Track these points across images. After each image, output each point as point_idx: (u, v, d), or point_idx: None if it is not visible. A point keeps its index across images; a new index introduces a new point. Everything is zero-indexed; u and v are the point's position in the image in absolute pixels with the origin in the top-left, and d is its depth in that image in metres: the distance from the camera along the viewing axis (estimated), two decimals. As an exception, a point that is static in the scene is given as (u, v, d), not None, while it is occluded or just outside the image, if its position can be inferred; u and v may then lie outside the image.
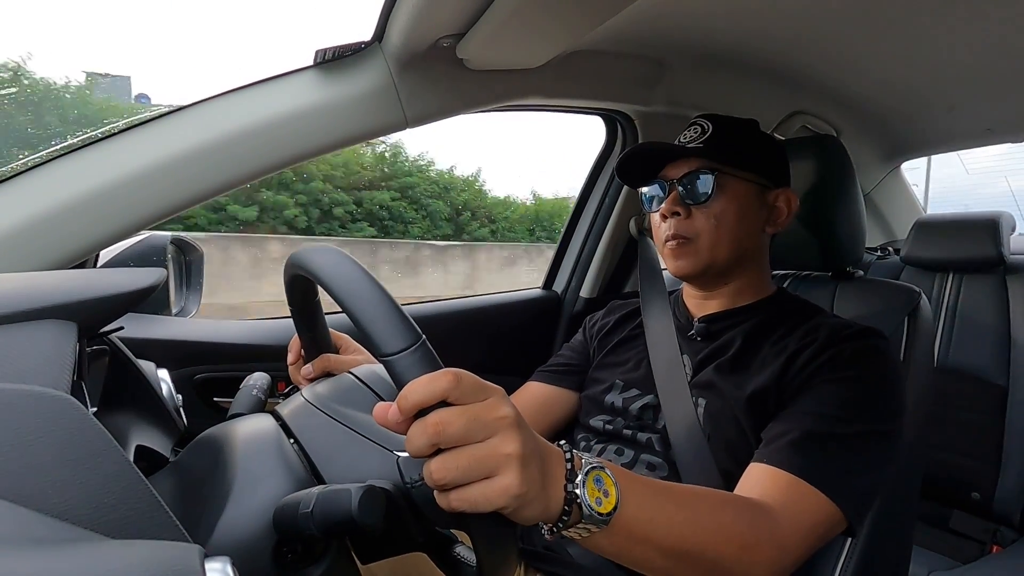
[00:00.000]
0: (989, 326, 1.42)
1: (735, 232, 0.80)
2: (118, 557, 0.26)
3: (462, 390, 0.39)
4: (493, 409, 0.40)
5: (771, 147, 0.86)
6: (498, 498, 0.39)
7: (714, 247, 0.80)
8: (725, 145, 0.80)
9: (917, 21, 1.03)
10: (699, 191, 0.80)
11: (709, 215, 0.80)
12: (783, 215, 0.84)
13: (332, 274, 0.44)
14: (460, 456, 0.38)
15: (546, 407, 0.94)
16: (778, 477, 0.63)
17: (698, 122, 0.84)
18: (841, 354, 0.71)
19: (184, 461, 0.55)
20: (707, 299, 0.87)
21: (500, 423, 0.40)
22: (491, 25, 0.82)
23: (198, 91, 3.82)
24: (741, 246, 0.81)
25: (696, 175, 0.80)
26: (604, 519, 0.45)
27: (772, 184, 0.84)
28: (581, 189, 1.50)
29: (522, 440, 0.40)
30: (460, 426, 0.38)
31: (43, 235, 0.73)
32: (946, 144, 1.74)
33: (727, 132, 0.82)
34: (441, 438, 0.38)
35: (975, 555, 1.35)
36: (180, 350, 0.99)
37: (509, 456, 0.39)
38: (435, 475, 0.38)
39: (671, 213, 0.81)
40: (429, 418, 0.38)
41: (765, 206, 0.83)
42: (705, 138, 0.81)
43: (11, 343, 0.38)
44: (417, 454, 0.39)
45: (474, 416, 0.39)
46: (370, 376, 0.57)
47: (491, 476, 0.39)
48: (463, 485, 0.39)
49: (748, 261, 0.84)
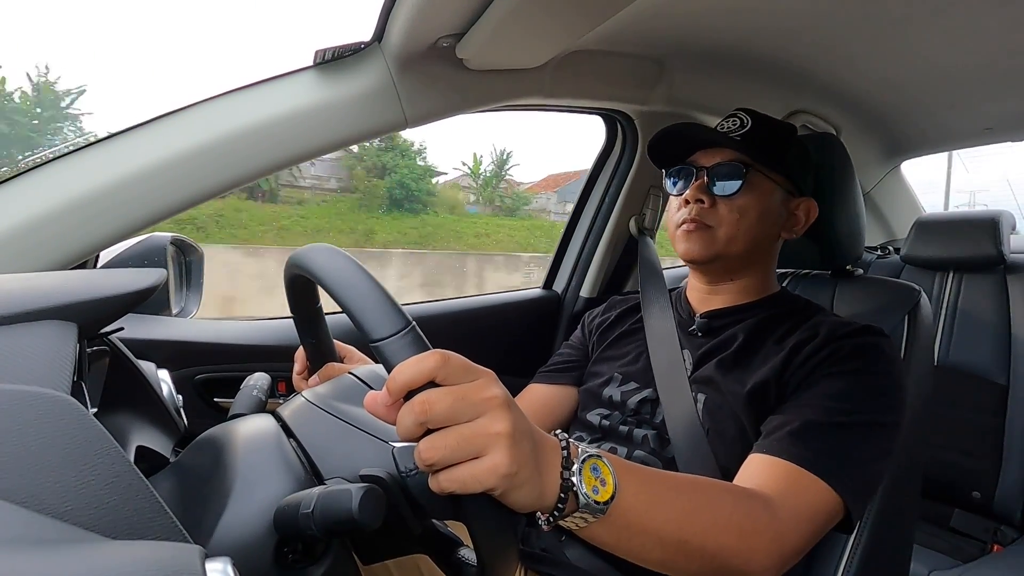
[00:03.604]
0: (989, 325, 1.42)
1: (753, 230, 0.80)
2: (118, 558, 0.26)
3: (449, 370, 0.39)
4: (482, 389, 0.40)
5: (804, 155, 0.87)
6: (487, 477, 0.39)
7: (730, 240, 0.80)
8: (761, 142, 0.80)
9: (917, 20, 1.03)
10: (728, 182, 0.79)
11: (732, 207, 0.79)
12: (800, 223, 0.85)
13: (324, 267, 0.45)
14: (448, 435, 0.38)
15: (548, 407, 0.94)
16: (777, 466, 0.63)
17: (737, 115, 0.83)
18: (841, 349, 0.71)
19: (184, 462, 0.55)
20: (711, 294, 0.86)
21: (489, 403, 0.39)
22: (491, 25, 0.82)
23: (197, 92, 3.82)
24: (756, 245, 0.81)
25: (728, 166, 0.79)
26: (601, 508, 0.45)
27: (797, 191, 0.84)
28: (582, 189, 1.50)
29: (512, 420, 0.40)
30: (447, 405, 0.38)
31: (43, 235, 0.73)
32: (946, 143, 1.74)
33: (765, 130, 0.82)
34: (428, 416, 0.38)
35: (976, 554, 1.35)
36: (180, 350, 0.99)
37: (498, 435, 0.39)
38: (424, 454, 0.38)
39: (695, 200, 0.80)
40: (417, 398, 0.38)
41: (786, 211, 0.83)
42: (744, 132, 0.81)
43: (11, 343, 0.38)
44: (406, 435, 0.39)
45: (462, 396, 0.39)
46: (370, 375, 0.57)
47: (480, 456, 0.39)
48: (452, 466, 0.39)
49: (758, 261, 0.84)
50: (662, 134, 0.83)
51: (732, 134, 0.81)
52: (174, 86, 24.31)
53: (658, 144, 0.84)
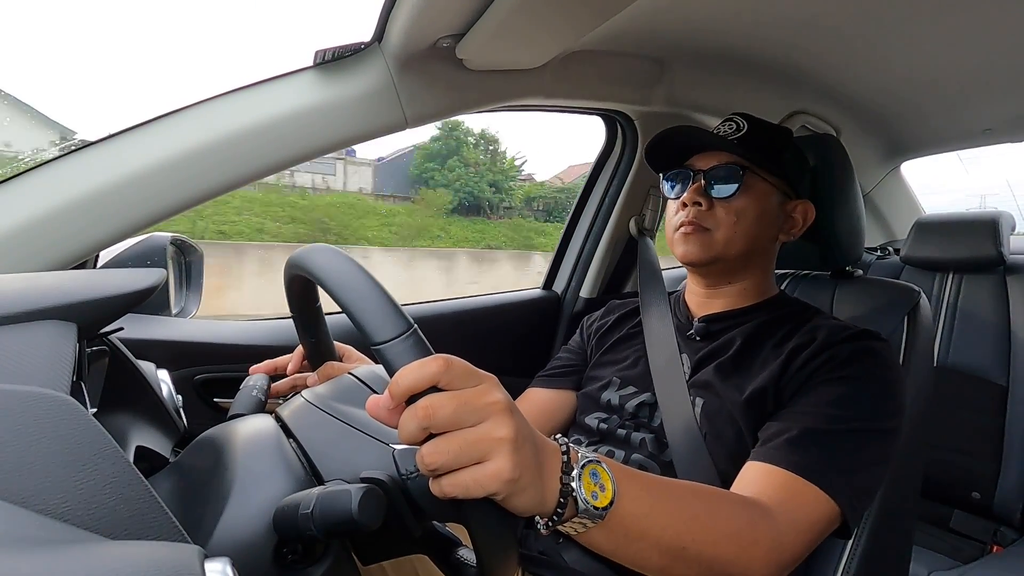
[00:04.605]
0: (989, 326, 1.42)
1: (751, 232, 0.80)
2: (118, 558, 0.26)
3: (452, 375, 0.39)
4: (484, 394, 0.40)
5: (800, 157, 0.87)
6: (490, 482, 0.39)
7: (728, 242, 0.80)
8: (758, 145, 0.80)
9: (917, 21, 1.03)
10: (725, 185, 0.80)
11: (730, 210, 0.79)
12: (797, 226, 0.85)
13: (325, 268, 0.45)
14: (451, 440, 0.38)
15: (548, 412, 0.94)
16: (775, 474, 0.63)
17: (733, 119, 0.84)
18: (838, 355, 0.71)
19: (184, 462, 0.54)
20: (710, 298, 0.86)
21: (491, 408, 0.39)
22: (491, 25, 0.82)
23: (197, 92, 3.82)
24: (753, 247, 0.81)
25: (725, 169, 0.80)
26: (600, 513, 0.45)
27: (794, 194, 0.84)
28: (582, 189, 1.50)
29: (514, 425, 0.40)
30: (450, 410, 0.38)
31: (43, 235, 0.73)
32: (946, 144, 1.74)
33: (761, 133, 0.82)
34: (431, 422, 0.38)
35: (976, 555, 1.35)
36: (180, 350, 0.99)
37: (501, 440, 0.39)
38: (426, 459, 0.38)
39: (692, 202, 0.80)
40: (419, 402, 0.38)
41: (783, 214, 0.84)
42: (740, 135, 0.81)
43: (11, 344, 0.38)
44: (408, 439, 0.39)
45: (465, 401, 0.39)
46: (369, 376, 0.57)
47: (483, 461, 0.39)
48: (455, 471, 0.39)
49: (756, 264, 0.84)
50: (659, 138, 0.83)
51: (728, 137, 0.81)
52: (174, 86, 24.30)
53: (655, 148, 0.85)
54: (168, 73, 27.69)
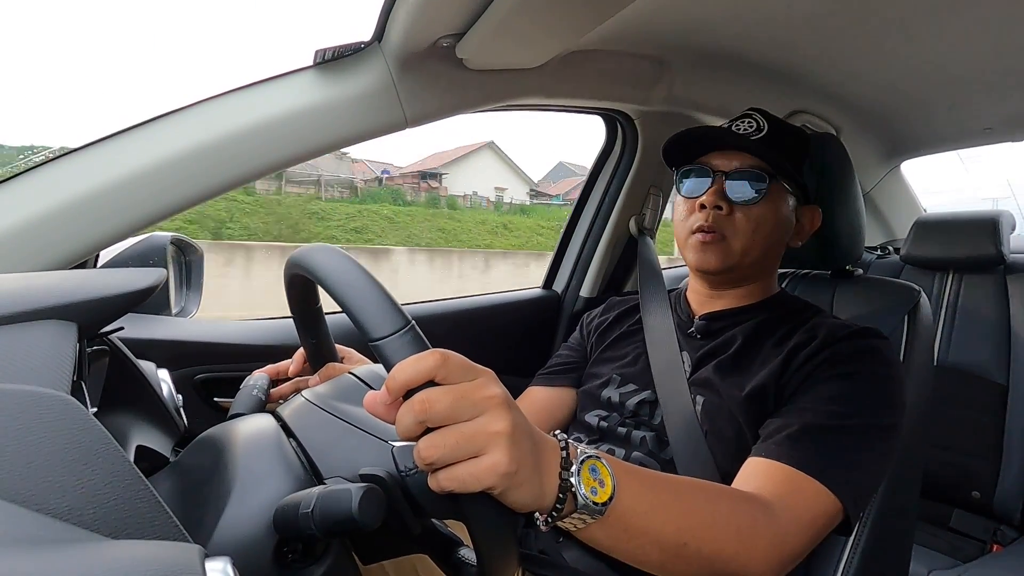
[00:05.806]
0: (989, 325, 1.42)
1: (768, 239, 0.79)
2: (118, 557, 0.26)
3: (449, 369, 0.39)
4: (481, 388, 0.40)
5: (815, 162, 0.86)
6: (487, 476, 0.38)
7: (746, 251, 0.78)
8: (779, 148, 0.78)
9: (917, 20, 1.03)
10: (749, 191, 0.77)
11: (750, 217, 0.77)
12: (805, 232, 0.85)
13: (324, 266, 0.45)
14: (448, 434, 0.38)
15: (548, 410, 0.94)
16: (776, 470, 0.62)
17: (752, 116, 0.81)
18: (839, 352, 0.71)
19: (184, 461, 0.55)
20: (714, 297, 0.86)
21: (488, 402, 0.39)
22: (491, 25, 0.82)
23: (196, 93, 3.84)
24: (767, 255, 0.81)
25: (749, 173, 0.77)
26: (599, 509, 0.45)
27: (805, 199, 0.84)
28: (582, 189, 1.50)
29: (512, 419, 0.40)
30: (447, 404, 0.38)
31: (43, 235, 0.73)
32: (946, 143, 1.74)
33: (782, 135, 0.80)
34: (428, 415, 0.38)
35: (976, 554, 1.35)
36: (180, 350, 0.99)
37: (498, 434, 0.39)
38: (423, 453, 0.38)
39: (713, 206, 0.77)
40: (416, 397, 0.38)
41: (795, 220, 0.83)
42: (761, 136, 0.79)
43: (11, 343, 0.38)
44: (405, 434, 0.39)
45: (462, 395, 0.39)
46: (369, 375, 0.57)
47: (480, 454, 0.39)
48: (452, 464, 0.39)
49: (765, 269, 0.84)
50: (680, 136, 0.81)
51: (750, 137, 0.79)
52: (174, 86, 24.33)
53: (671, 144, 0.82)
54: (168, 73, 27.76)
